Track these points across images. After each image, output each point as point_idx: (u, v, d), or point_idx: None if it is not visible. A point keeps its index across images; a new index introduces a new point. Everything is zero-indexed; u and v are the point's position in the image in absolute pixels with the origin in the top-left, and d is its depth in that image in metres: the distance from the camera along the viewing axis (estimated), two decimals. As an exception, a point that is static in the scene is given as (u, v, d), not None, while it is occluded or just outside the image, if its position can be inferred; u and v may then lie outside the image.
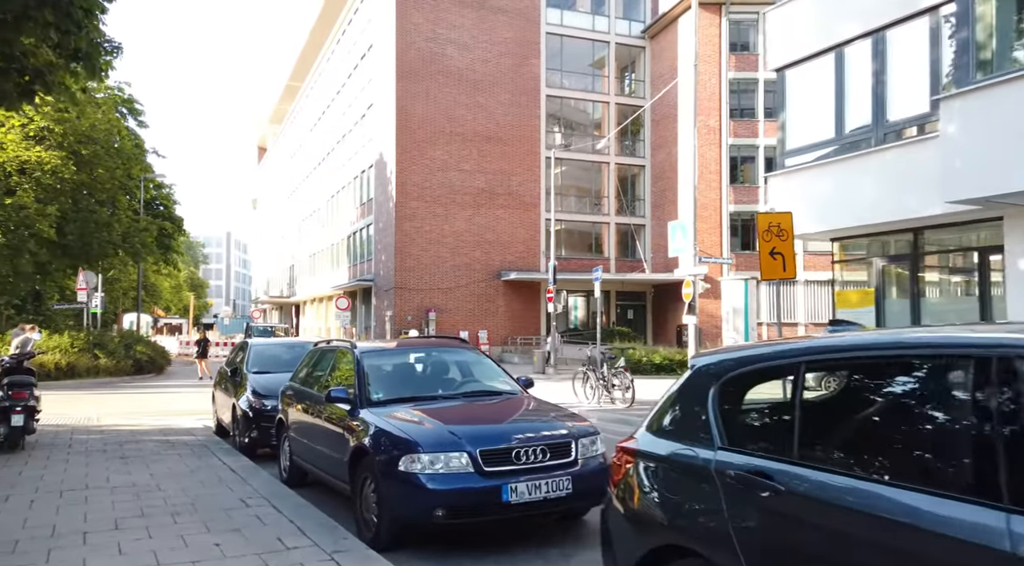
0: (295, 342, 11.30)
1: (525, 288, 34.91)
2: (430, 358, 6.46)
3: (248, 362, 9.80)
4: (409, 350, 6.69)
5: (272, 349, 10.53)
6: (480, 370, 6.42)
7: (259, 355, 10.05)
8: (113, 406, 15.07)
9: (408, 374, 6.30)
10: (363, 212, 39.31)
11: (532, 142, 35.39)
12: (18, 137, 21.89)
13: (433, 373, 6.33)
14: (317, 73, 51.68)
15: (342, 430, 5.65)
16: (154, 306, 65.09)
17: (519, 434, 4.94)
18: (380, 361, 6.26)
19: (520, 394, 6.08)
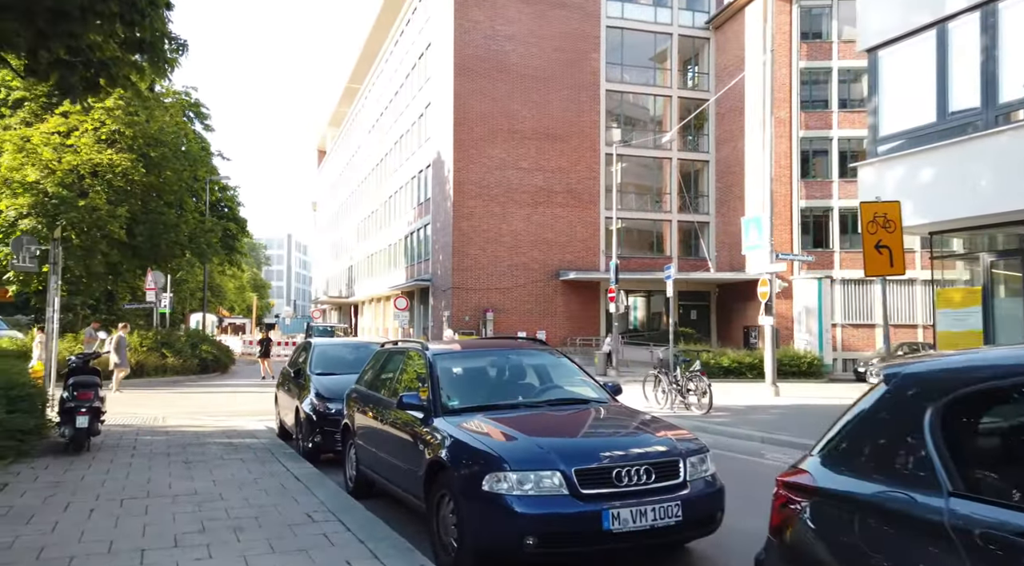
0: (359, 343, 10.93)
1: (584, 288, 34.15)
2: (508, 361, 5.87)
3: (311, 363, 9.46)
4: (485, 352, 6.11)
5: (336, 350, 10.18)
6: (563, 374, 5.81)
7: (323, 356, 9.70)
8: (179, 406, 15.11)
9: (485, 379, 5.73)
10: (420, 212, 39.26)
11: (591, 139, 34.60)
12: (91, 140, 22.45)
13: (512, 378, 5.74)
14: (375, 74, 52.09)
15: (415, 440, 5.13)
16: (219, 306, 67.00)
17: (618, 450, 4.30)
18: (454, 364, 5.72)
19: (610, 403, 5.43)
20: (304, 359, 9.98)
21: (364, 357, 9.83)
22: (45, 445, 8.40)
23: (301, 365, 10.01)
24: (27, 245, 12.70)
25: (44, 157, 21.51)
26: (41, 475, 6.82)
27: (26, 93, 23.89)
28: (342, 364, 9.58)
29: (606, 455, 4.22)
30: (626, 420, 4.98)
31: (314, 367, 9.36)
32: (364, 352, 10.06)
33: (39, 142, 21.59)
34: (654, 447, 4.39)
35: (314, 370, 9.28)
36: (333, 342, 10.91)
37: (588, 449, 4.32)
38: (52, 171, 21.50)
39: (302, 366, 9.77)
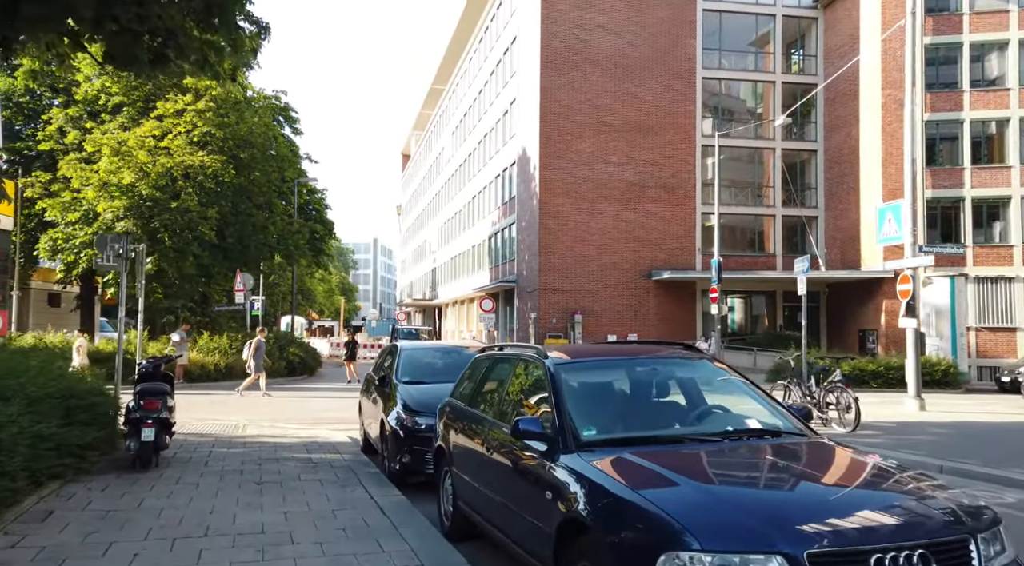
0: (450, 347, 9.70)
1: (678, 288, 32.08)
2: (653, 374, 4.41)
3: (398, 370, 8.30)
4: (622, 362, 4.64)
5: (425, 354, 9.00)
6: (730, 392, 4.29)
7: (410, 361, 8.53)
8: (262, 411, 14.45)
9: (628, 399, 4.28)
10: (505, 211, 38.22)
11: (686, 130, 32.50)
12: (183, 142, 22.57)
13: (663, 398, 4.27)
14: (459, 74, 51.63)
15: (537, 483, 3.77)
16: (309, 309, 68.60)
17: (866, 518, 2.78)
18: (585, 378, 4.30)
19: (809, 436, 3.87)
20: (390, 364, 8.86)
21: (457, 363, 8.61)
22: (113, 459, 7.60)
23: (386, 371, 8.91)
24: (111, 243, 12.24)
25: (139, 160, 21.73)
26: (95, 500, 5.91)
27: (124, 98, 24.35)
28: (432, 371, 8.40)
29: (850, 527, 2.70)
30: (856, 466, 3.41)
31: (401, 374, 8.20)
32: (456, 358, 8.85)
33: (134, 145, 21.82)
34: (923, 515, 2.83)
35: (401, 378, 8.12)
36: (421, 346, 9.73)
37: (817, 515, 2.80)
38: (146, 173, 21.68)
39: (387, 372, 8.64)
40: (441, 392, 7.55)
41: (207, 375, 20.74)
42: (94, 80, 23.85)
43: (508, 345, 5.67)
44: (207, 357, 21.09)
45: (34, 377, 6.30)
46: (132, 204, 21.34)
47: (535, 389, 4.44)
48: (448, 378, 8.09)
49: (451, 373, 8.20)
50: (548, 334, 31.10)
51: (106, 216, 21.28)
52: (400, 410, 7.40)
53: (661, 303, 32.04)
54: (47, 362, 7.18)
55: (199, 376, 20.51)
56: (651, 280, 31.94)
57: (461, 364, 8.63)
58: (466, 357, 8.92)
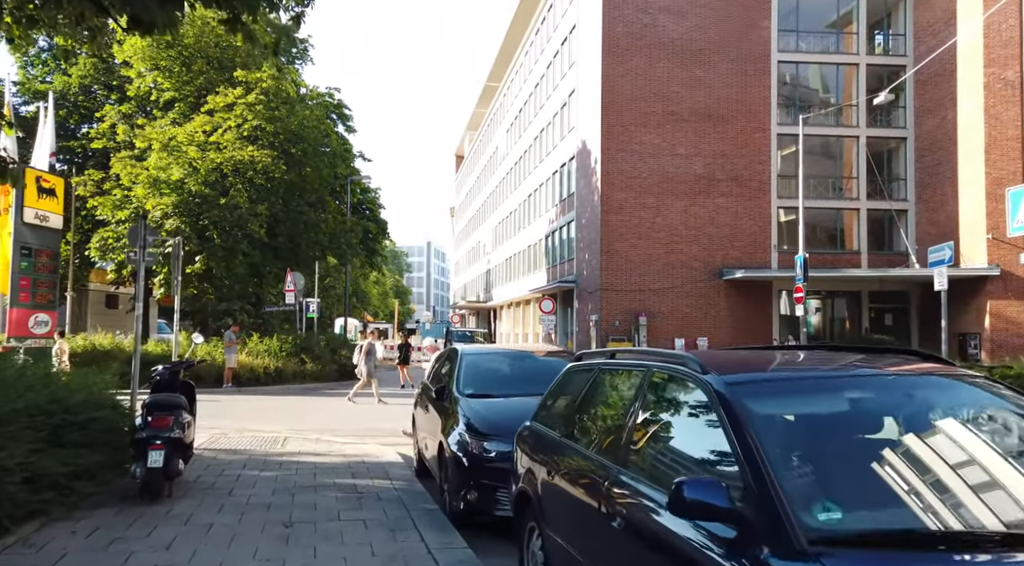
0: (520, 352, 8.05)
1: (752, 288, 29.76)
2: (903, 403, 2.63)
3: (459, 380, 6.76)
4: (841, 380, 2.80)
5: (490, 361, 7.45)
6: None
7: (474, 369, 6.99)
8: (308, 420, 13.19)
9: (869, 449, 2.52)
10: (563, 209, 36.54)
11: (760, 118, 30.19)
12: (233, 137, 21.77)
13: (928, 444, 2.53)
14: (514, 70, 50.28)
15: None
16: (363, 312, 68.38)
17: None
18: (784, 408, 2.58)
19: None
20: (448, 372, 7.36)
21: (530, 372, 7.05)
22: (120, 487, 6.30)
23: (445, 381, 7.42)
24: (144, 235, 11.14)
25: (189, 155, 21.00)
26: (70, 552, 4.54)
27: (175, 93, 23.75)
28: (500, 382, 6.86)
29: None
30: None
31: (462, 385, 6.66)
32: (529, 366, 7.30)
33: (184, 140, 21.10)
34: None
35: (462, 390, 6.58)
36: (485, 350, 8.14)
37: None
38: (196, 169, 20.92)
39: (446, 383, 7.14)
40: (514, 409, 5.99)
41: (256, 379, 19.80)
42: (146, 75, 23.32)
43: (622, 350, 4.03)
44: (256, 360, 20.15)
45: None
46: (181, 201, 20.59)
47: (689, 424, 2.81)
48: (520, 390, 6.54)
49: (523, 384, 6.66)
50: (611, 337, 29.28)
51: (155, 214, 20.59)
52: (463, 431, 5.86)
53: (733, 304, 29.78)
54: (21, 370, 5.88)
55: (247, 380, 19.57)
56: (722, 280, 29.73)
57: (535, 373, 7.06)
58: (541, 365, 7.34)
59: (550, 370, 7.21)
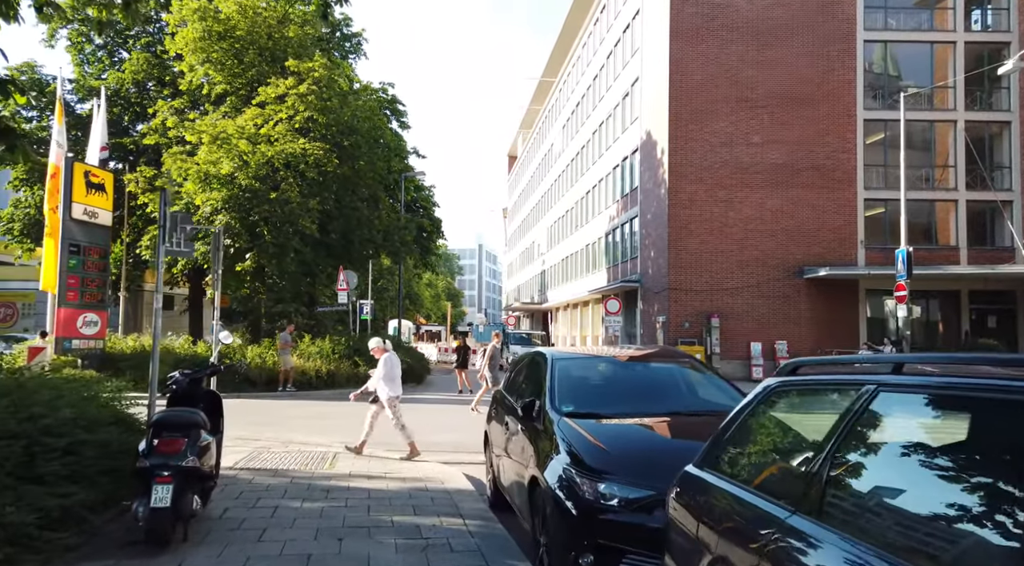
0: (626, 359, 6.32)
1: (836, 288, 27.34)
2: None
3: (553, 393, 5.16)
4: None
5: (589, 368, 5.80)
6: None
7: (571, 380, 5.38)
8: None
9: None
10: (625, 205, 34.68)
11: (845, 102, 27.76)
12: (284, 129, 20.80)
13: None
14: (571, 63, 48.62)
15: None
16: (416, 314, 67.75)
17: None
18: None
19: None
20: (534, 382, 5.80)
21: (641, 383, 5.46)
22: (120, 529, 4.94)
23: (526, 391, 5.88)
24: (181, 224, 9.97)
25: (240, 148, 20.11)
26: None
27: (227, 86, 22.98)
28: (607, 396, 5.25)
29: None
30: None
31: (559, 400, 5.06)
32: (640, 375, 5.69)
33: (234, 133, 20.22)
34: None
35: (559, 406, 4.98)
36: (580, 355, 6.41)
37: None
38: (246, 163, 20.01)
39: (534, 395, 5.58)
40: (636, 437, 4.41)
41: (308, 382, 18.71)
42: (198, 68, 22.62)
43: (930, 358, 2.28)
44: (308, 363, 19.06)
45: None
46: (231, 196, 19.70)
47: None
48: (634, 408, 4.94)
49: (637, 400, 5.06)
50: (680, 340, 27.31)
51: (204, 209, 19.75)
52: (567, 466, 4.26)
53: (815, 305, 27.41)
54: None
55: (299, 384, 18.50)
56: (803, 278, 27.41)
57: (650, 385, 5.45)
58: (656, 374, 5.71)
59: (668, 381, 5.56)
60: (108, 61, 25.79)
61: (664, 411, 4.86)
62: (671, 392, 5.26)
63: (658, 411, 4.85)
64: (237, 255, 20.00)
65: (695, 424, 4.57)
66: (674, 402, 5.08)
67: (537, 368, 5.90)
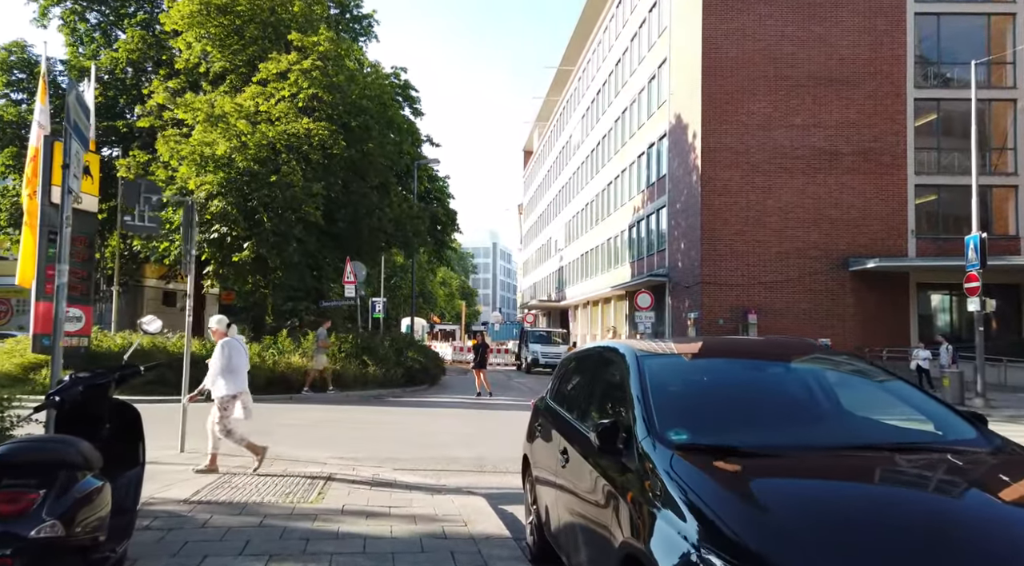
0: (754, 355, 4.16)
1: (884, 281, 25.23)
2: None
3: (650, 411, 3.18)
4: None
5: (699, 372, 3.86)
6: None
7: (673, 390, 3.45)
8: (367, 442, 10.00)
9: None
10: (651, 195, 32.68)
11: (893, 80, 25.63)
12: (285, 107, 19.05)
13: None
14: (591, 49, 46.64)
15: None
16: (430, 313, 66.05)
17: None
18: None
19: None
20: (606, 390, 3.93)
21: (802, 397, 3.45)
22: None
23: (583, 401, 4.02)
24: (144, 193, 8.21)
25: (238, 128, 18.39)
26: None
27: (226, 63, 21.28)
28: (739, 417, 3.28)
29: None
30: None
31: (661, 423, 3.11)
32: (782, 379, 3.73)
33: (231, 111, 18.49)
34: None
35: (665, 432, 3.03)
36: (681, 354, 4.21)
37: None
38: (244, 145, 18.28)
39: (606, 410, 3.71)
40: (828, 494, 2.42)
41: (313, 383, 16.92)
42: (195, 45, 20.92)
43: None
44: (311, 362, 17.26)
45: None
46: (227, 179, 17.96)
47: None
48: (797, 438, 3.00)
49: (794, 424, 3.15)
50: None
51: (199, 194, 18.02)
52: (704, 547, 2.33)
53: (862, 300, 25.30)
54: None
55: (300, 384, 16.72)
56: (848, 271, 25.31)
57: (811, 398, 3.54)
58: (821, 380, 3.74)
59: (827, 391, 3.58)
60: (102, 41, 24.19)
61: (841, 442, 2.95)
62: (837, 410, 3.33)
63: (831, 442, 2.94)
64: (234, 244, 18.28)
65: (912, 468, 2.66)
66: (850, 427, 3.17)
67: (608, 371, 4.00)
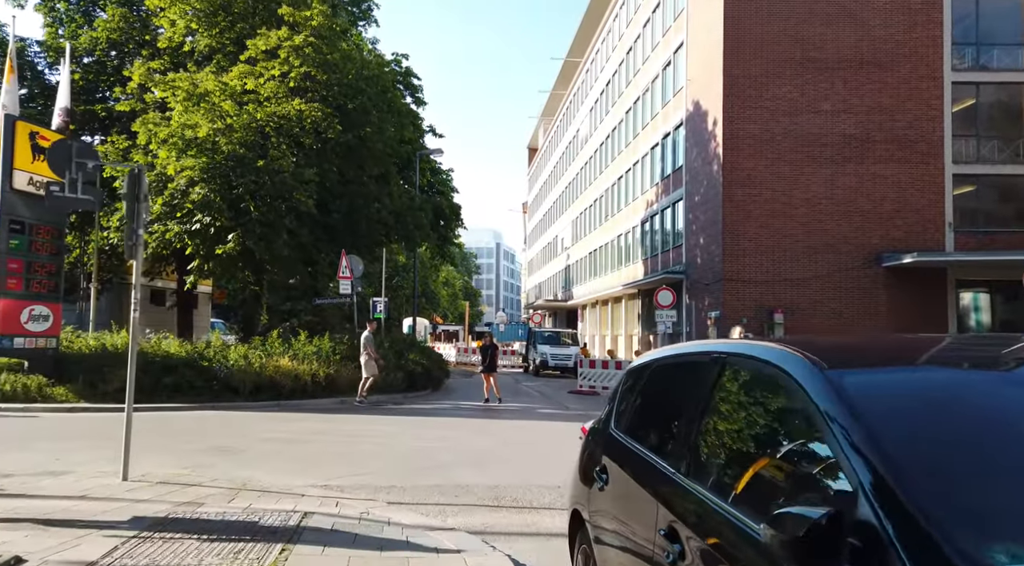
0: None
1: (920, 278, 23.48)
2: None
3: (920, 503, 1.48)
4: None
5: (963, 405, 2.11)
6: None
7: (928, 440, 1.74)
8: (357, 463, 8.29)
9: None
10: (666, 188, 30.99)
11: (929, 62, 23.90)
12: (275, 86, 17.40)
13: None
14: (601, 37, 44.95)
15: None
16: (433, 313, 64.43)
17: None
18: None
19: None
20: (765, 434, 2.23)
21: None
22: None
23: (717, 454, 2.35)
24: (77, 158, 6.55)
25: (223, 109, 16.75)
26: None
27: (212, 42, 19.66)
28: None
29: None
30: None
31: (954, 531, 1.39)
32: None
33: (215, 89, 16.85)
34: None
35: (970, 548, 1.32)
36: (924, 370, 2.27)
37: None
38: (230, 127, 16.63)
39: (787, 482, 2.00)
40: None
41: (301, 389, 15.24)
42: (179, 22, 19.30)
43: None
44: (301, 365, 15.61)
45: None
46: (210, 164, 16.30)
47: None
48: None
49: None
50: (747, 338, 23.57)
51: (179, 181, 16.39)
52: None
53: (897, 298, 23.55)
54: None
55: (290, 391, 15.04)
56: (882, 267, 23.58)
57: None
58: None
59: None
60: (82, 20, 22.57)
61: None
62: None
63: None
64: (218, 236, 16.62)
65: None
66: None
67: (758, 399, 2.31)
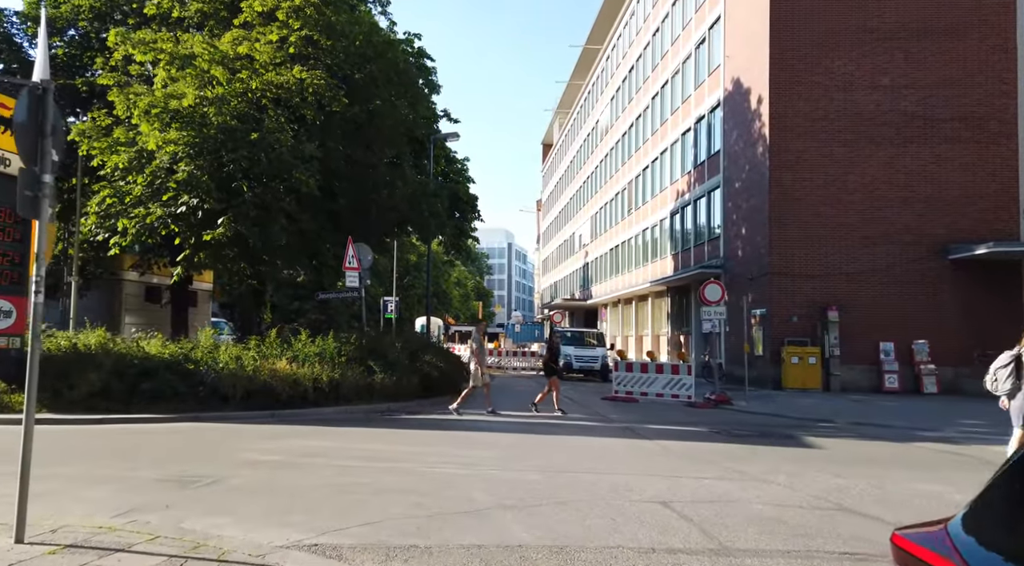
0: None
1: (992, 271, 21.08)
2: None
3: None
4: None
5: None
6: None
7: None
8: (360, 504, 5.97)
9: None
10: (699, 176, 28.69)
11: (1001, 30, 21.52)
12: (272, 52, 15.28)
13: None
14: (623, 21, 42.67)
15: None
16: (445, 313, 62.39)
17: None
18: None
19: None
20: None
21: None
22: None
23: None
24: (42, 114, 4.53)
25: (213, 74, 14.66)
26: None
27: (204, 7, 17.56)
28: None
29: None
30: None
31: None
32: None
33: (202, 52, 14.74)
34: None
35: None
36: None
37: None
38: (221, 97, 14.51)
39: None
40: None
41: (301, 396, 13.08)
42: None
43: None
44: (302, 369, 13.44)
45: None
46: (197, 138, 14.17)
47: None
48: None
49: None
50: (787, 339, 21.32)
51: (162, 157, 14.27)
52: None
53: (964, 293, 21.15)
54: None
55: (288, 398, 12.88)
56: (948, 259, 21.19)
57: None
58: None
59: None
60: (65, -10, 20.54)
61: None
62: None
63: None
64: (206, 220, 14.49)
65: None
66: None
67: None
